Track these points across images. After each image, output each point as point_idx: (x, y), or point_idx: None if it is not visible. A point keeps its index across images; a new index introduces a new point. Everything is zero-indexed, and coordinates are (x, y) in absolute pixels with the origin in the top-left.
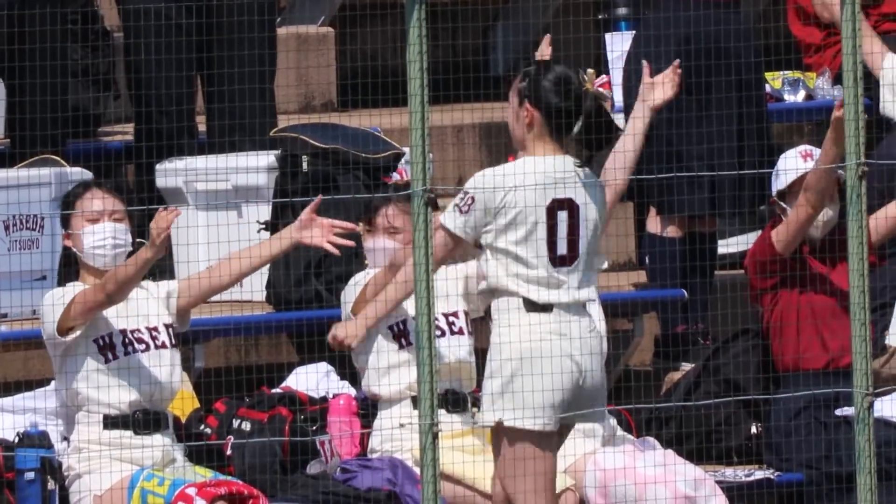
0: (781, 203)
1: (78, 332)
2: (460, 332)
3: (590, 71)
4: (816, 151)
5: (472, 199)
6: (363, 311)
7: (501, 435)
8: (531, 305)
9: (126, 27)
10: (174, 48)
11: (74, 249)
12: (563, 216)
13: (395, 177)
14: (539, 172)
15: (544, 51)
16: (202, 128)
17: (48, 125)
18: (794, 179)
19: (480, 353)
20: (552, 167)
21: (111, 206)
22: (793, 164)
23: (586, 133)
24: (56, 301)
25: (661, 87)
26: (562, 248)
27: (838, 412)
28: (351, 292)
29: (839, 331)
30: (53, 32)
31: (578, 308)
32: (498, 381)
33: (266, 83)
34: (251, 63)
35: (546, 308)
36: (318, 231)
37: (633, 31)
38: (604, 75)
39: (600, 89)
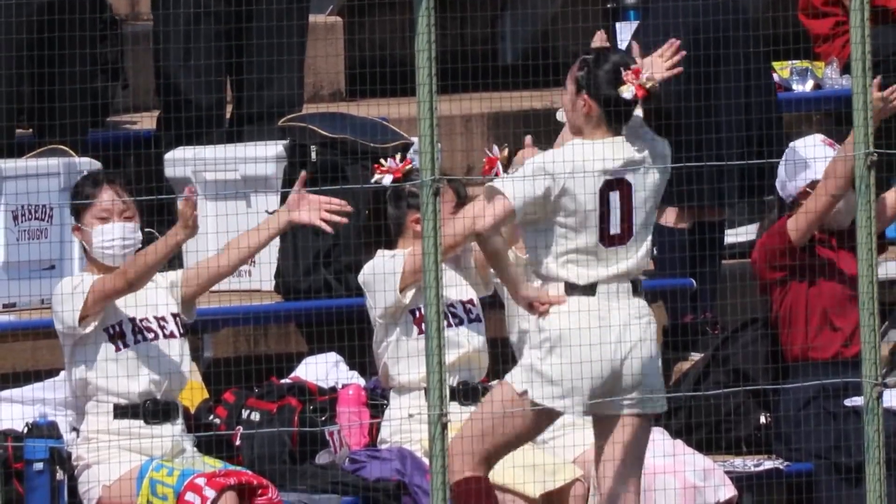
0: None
1: (94, 324)
2: (478, 318)
3: (638, 60)
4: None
5: (523, 170)
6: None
7: (503, 387)
8: (571, 289)
9: (157, 15)
10: (205, 36)
11: (83, 243)
12: (615, 197)
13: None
14: (589, 159)
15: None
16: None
17: (77, 114)
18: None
19: (491, 343)
20: (602, 152)
21: (121, 204)
22: (822, 153)
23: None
24: (70, 291)
25: (658, 68)
26: (614, 228)
27: (847, 402)
28: (380, 279)
29: (849, 320)
30: (73, 21)
31: (626, 290)
32: (533, 355)
33: (296, 72)
34: (282, 51)
35: (589, 290)
36: (308, 210)
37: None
38: (647, 70)
39: (648, 78)
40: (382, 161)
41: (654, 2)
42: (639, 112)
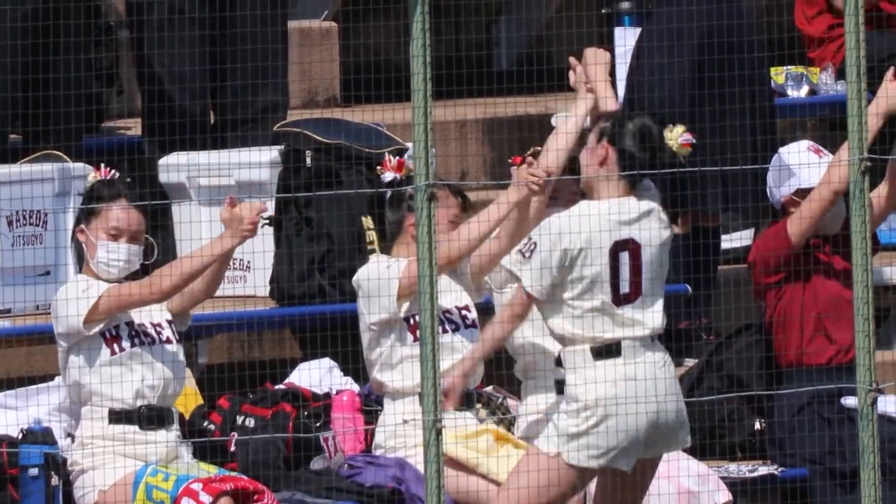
0: (800, 200)
1: (101, 325)
2: (473, 325)
3: (678, 127)
4: (817, 145)
5: (535, 244)
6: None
7: (538, 457)
8: (597, 353)
9: (138, 21)
10: (186, 42)
11: (85, 247)
12: (625, 257)
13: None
14: (600, 215)
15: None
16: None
17: (69, 120)
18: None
19: None
20: (615, 209)
21: (134, 224)
22: (806, 160)
23: (661, 188)
24: (76, 295)
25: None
26: (624, 288)
27: (842, 401)
28: (375, 286)
29: (843, 326)
30: (67, 27)
31: (647, 344)
32: (571, 424)
33: (279, 78)
34: (264, 57)
35: (614, 352)
36: (237, 226)
37: (637, 26)
38: (687, 133)
39: (682, 146)
40: (389, 157)
41: (650, 7)
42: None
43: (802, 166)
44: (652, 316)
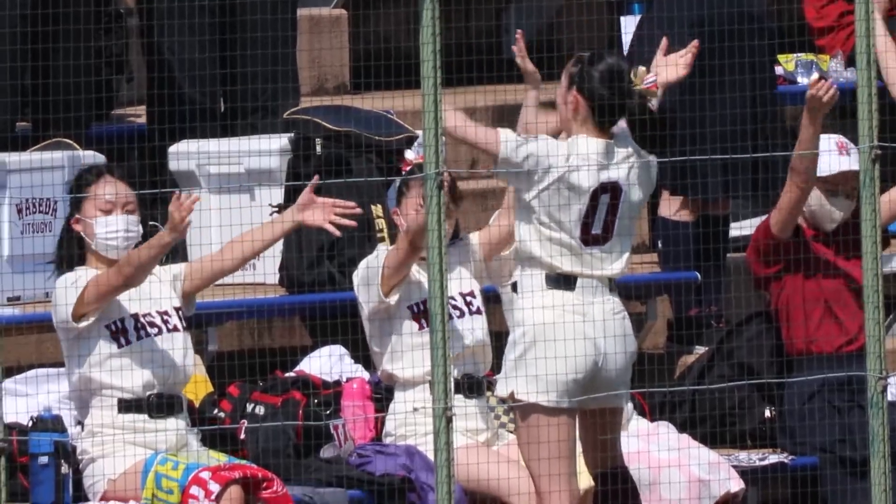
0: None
1: (92, 319)
2: (478, 311)
3: (641, 69)
4: (849, 143)
5: (536, 137)
6: None
7: (520, 412)
8: (553, 282)
9: (147, 9)
10: (196, 29)
11: (84, 235)
12: (605, 199)
13: (411, 156)
14: (592, 153)
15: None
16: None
17: (78, 107)
18: (836, 173)
19: (494, 336)
20: (603, 149)
21: (124, 196)
22: (828, 155)
23: (630, 129)
24: (69, 285)
25: (673, 67)
26: (596, 229)
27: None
28: (366, 275)
29: (850, 314)
30: (77, 14)
31: (603, 288)
32: (514, 353)
33: (289, 65)
34: (272, 45)
35: (569, 284)
36: (318, 211)
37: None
38: (652, 74)
39: (648, 89)
40: (408, 155)
41: None
42: (623, 124)
43: (824, 160)
44: (615, 261)
